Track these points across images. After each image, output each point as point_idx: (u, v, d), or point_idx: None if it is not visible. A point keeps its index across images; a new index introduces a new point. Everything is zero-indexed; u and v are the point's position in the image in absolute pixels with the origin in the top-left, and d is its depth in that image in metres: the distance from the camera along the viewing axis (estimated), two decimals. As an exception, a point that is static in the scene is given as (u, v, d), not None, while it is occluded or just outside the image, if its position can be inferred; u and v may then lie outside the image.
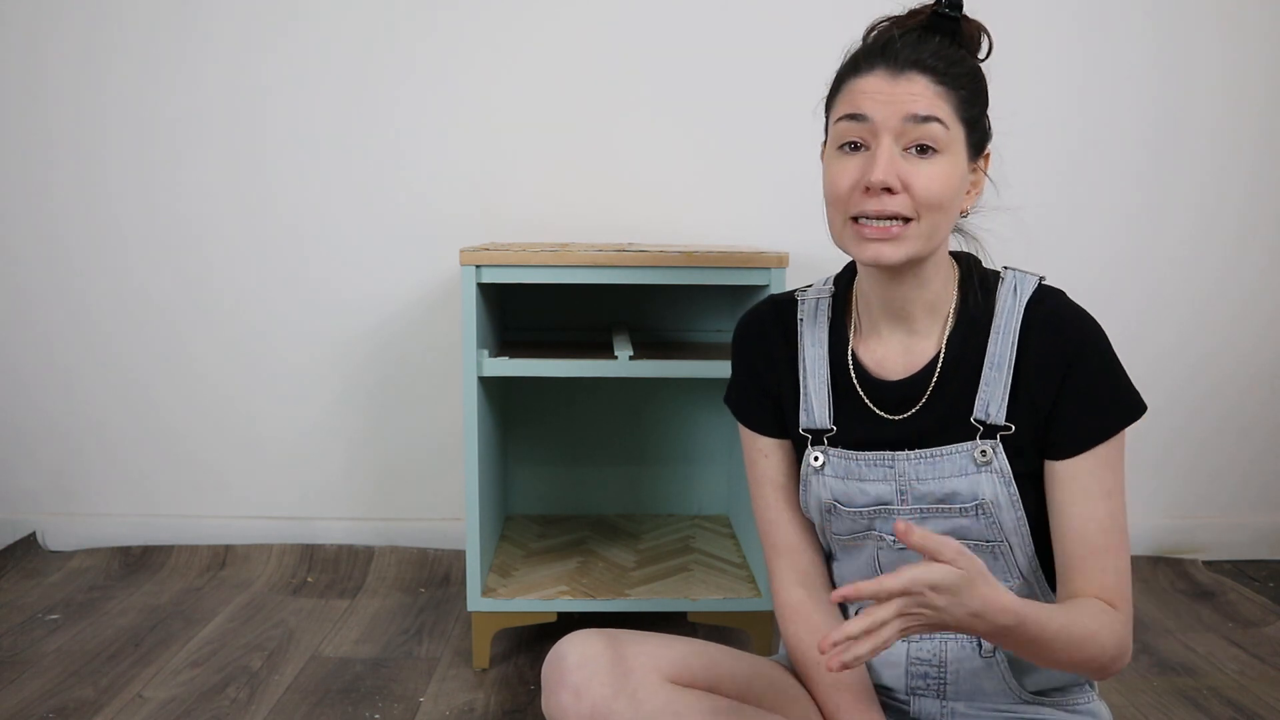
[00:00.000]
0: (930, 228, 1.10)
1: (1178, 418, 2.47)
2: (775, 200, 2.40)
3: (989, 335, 1.17)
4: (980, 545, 1.18)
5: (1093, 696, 1.24)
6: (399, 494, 2.50)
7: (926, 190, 1.08)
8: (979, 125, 1.14)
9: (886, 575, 0.94)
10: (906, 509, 1.19)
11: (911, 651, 1.24)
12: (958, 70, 1.11)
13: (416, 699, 1.79)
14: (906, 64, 1.09)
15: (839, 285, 1.28)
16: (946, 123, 1.09)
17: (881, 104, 1.08)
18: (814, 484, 1.24)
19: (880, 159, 1.08)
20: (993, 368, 1.16)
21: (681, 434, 2.43)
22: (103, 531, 2.50)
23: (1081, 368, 1.13)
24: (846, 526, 1.23)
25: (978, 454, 1.15)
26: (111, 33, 2.38)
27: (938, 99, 1.08)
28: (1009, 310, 1.16)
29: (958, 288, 1.20)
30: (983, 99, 1.15)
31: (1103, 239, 2.43)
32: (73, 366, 2.48)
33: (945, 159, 1.09)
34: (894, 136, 1.09)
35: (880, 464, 1.19)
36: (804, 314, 1.28)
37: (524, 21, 2.38)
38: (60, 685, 1.82)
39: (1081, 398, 1.13)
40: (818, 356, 1.25)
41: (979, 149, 1.15)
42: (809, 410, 1.24)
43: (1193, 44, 2.39)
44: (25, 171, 2.43)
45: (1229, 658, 1.96)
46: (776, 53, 2.38)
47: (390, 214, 2.42)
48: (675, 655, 1.17)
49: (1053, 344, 1.14)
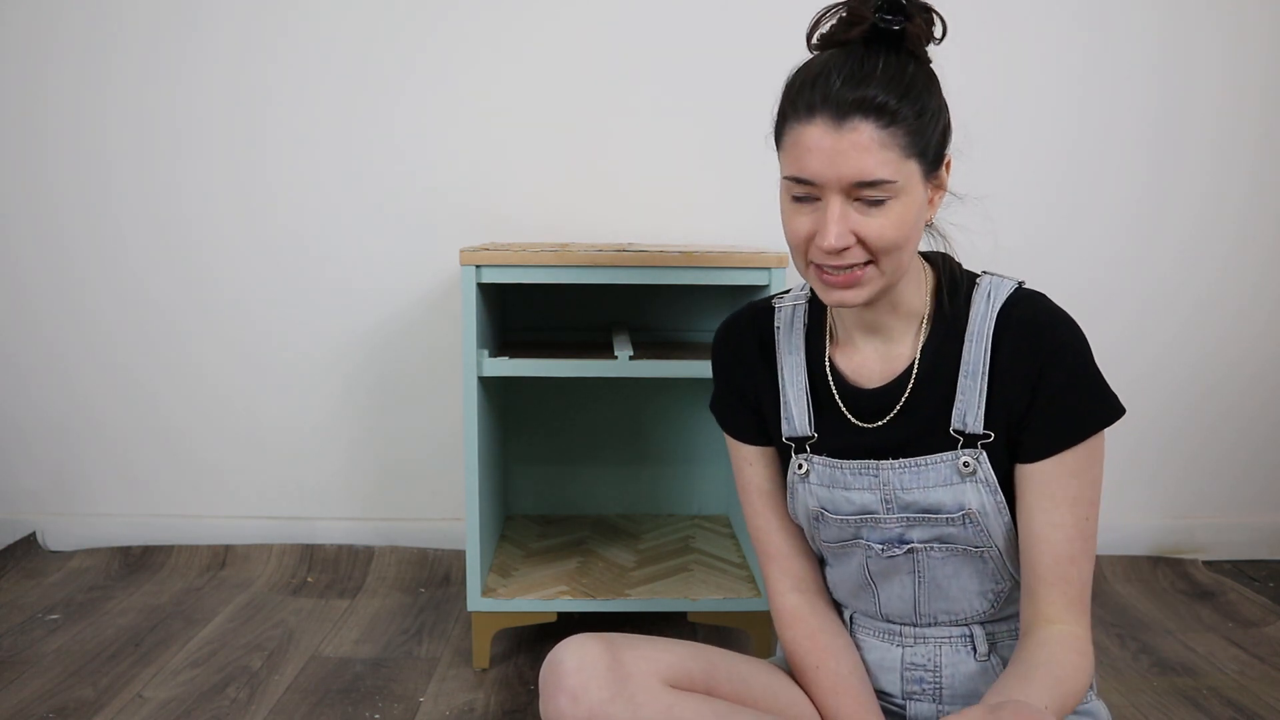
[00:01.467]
0: (891, 266, 1.09)
1: (1178, 418, 2.47)
2: (775, 200, 2.39)
3: (963, 342, 1.15)
4: (969, 550, 1.18)
5: (1091, 696, 1.24)
6: (399, 494, 2.50)
7: (880, 239, 1.07)
8: (933, 144, 1.09)
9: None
10: (892, 517, 1.18)
11: (907, 656, 1.24)
12: (906, 97, 1.05)
13: (416, 699, 1.79)
14: (849, 109, 1.03)
15: (815, 291, 1.27)
16: (895, 176, 1.05)
17: (826, 164, 1.05)
18: (800, 491, 1.24)
19: (830, 223, 1.06)
20: (967, 376, 1.15)
21: (681, 434, 2.43)
22: (103, 531, 2.50)
23: (1053, 370, 1.11)
24: (834, 534, 1.23)
25: (961, 464, 1.15)
26: (112, 32, 2.38)
27: (885, 148, 1.04)
28: (982, 316, 1.15)
29: (931, 295, 1.18)
30: (935, 114, 1.09)
31: (1102, 239, 2.43)
32: (73, 366, 2.48)
33: (898, 203, 1.06)
34: (842, 194, 1.06)
35: (865, 472, 1.19)
36: (780, 322, 1.27)
37: (524, 22, 2.37)
38: (60, 685, 1.82)
39: (1052, 400, 1.11)
40: (795, 365, 1.24)
41: (938, 161, 1.11)
42: (789, 419, 1.24)
43: (1193, 44, 2.39)
44: (26, 171, 2.43)
45: (1229, 658, 1.96)
46: (776, 53, 2.36)
47: (390, 214, 2.42)
48: (672, 659, 1.17)
49: (1025, 348, 1.12)
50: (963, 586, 1.20)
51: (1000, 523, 1.16)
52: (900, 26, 1.06)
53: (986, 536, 1.17)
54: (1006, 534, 1.16)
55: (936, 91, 1.10)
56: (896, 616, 1.24)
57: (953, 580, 1.20)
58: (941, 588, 1.20)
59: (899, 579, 1.21)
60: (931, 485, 1.16)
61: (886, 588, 1.23)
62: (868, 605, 1.25)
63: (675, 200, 2.41)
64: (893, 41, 1.07)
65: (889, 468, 1.17)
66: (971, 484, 1.15)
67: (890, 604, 1.23)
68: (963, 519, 1.16)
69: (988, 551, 1.18)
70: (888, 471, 1.17)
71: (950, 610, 1.22)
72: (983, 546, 1.17)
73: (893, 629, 1.25)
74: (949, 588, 1.20)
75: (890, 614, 1.24)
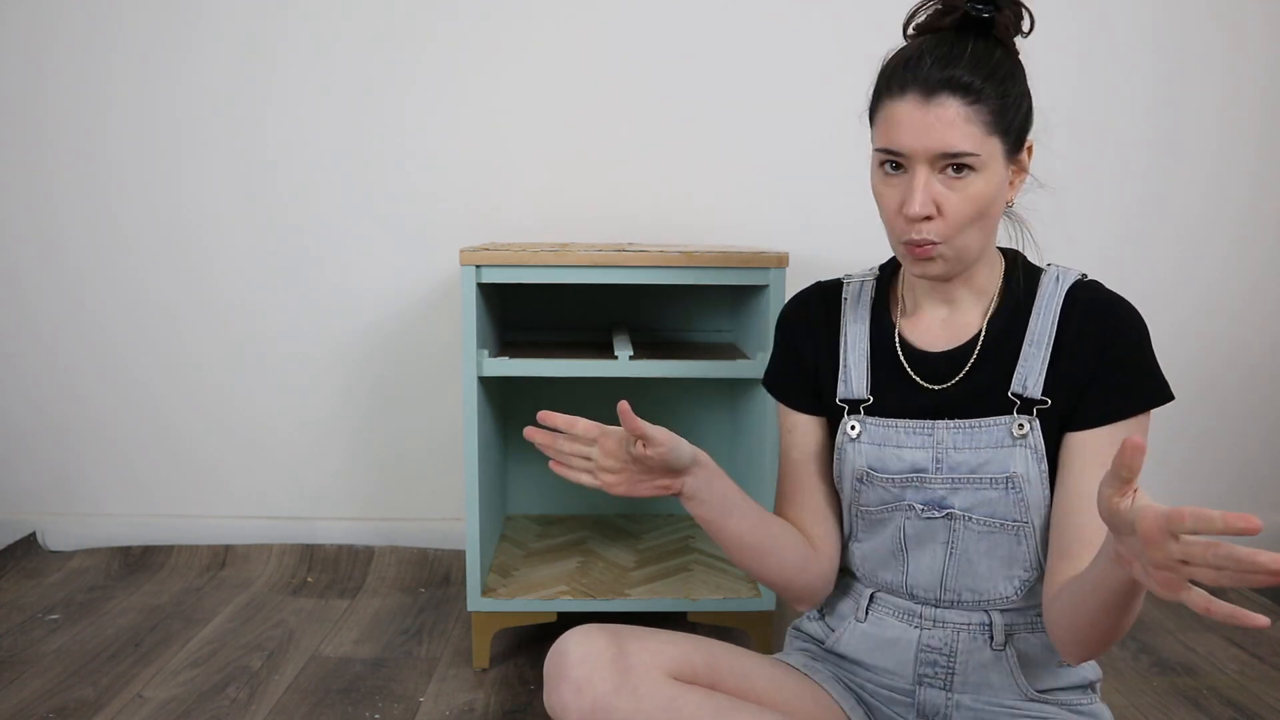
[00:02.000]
0: (970, 240, 1.15)
1: (1178, 418, 2.47)
2: (775, 200, 2.41)
3: (1030, 316, 1.21)
4: (1005, 525, 1.19)
5: (1095, 698, 1.25)
6: (399, 494, 2.50)
7: (960, 211, 1.13)
8: (1015, 125, 1.16)
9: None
10: (939, 478, 1.21)
11: (923, 639, 1.25)
12: (991, 79, 1.13)
13: (416, 699, 1.79)
14: (937, 86, 1.11)
15: (884, 271, 1.33)
16: (978, 149, 1.12)
17: (914, 137, 1.12)
18: (849, 452, 1.26)
19: (916, 190, 1.12)
20: (1032, 344, 1.19)
21: (682, 434, 2.41)
22: (103, 531, 2.50)
23: (1116, 345, 1.16)
24: (877, 497, 1.25)
25: (1015, 428, 1.18)
26: (112, 31, 2.38)
27: (969, 122, 1.11)
28: (1050, 294, 1.21)
29: (1003, 276, 1.24)
30: (1018, 98, 1.16)
31: (1102, 238, 2.43)
32: (73, 366, 2.48)
33: (981, 176, 1.13)
34: (928, 164, 1.12)
35: (920, 431, 1.22)
36: (849, 294, 1.33)
37: (525, 22, 2.38)
38: (60, 685, 1.82)
39: (1110, 373, 1.15)
40: (859, 332, 1.29)
41: (1019, 144, 1.18)
42: (847, 381, 1.28)
43: (1193, 44, 2.39)
44: (26, 171, 2.43)
45: (1229, 658, 1.96)
46: (777, 53, 2.38)
47: (390, 214, 2.42)
48: (677, 651, 1.17)
49: (1092, 323, 1.17)
50: (992, 566, 1.21)
51: (1041, 495, 1.18)
52: (990, 15, 1.15)
53: (1025, 509, 1.18)
54: (1041, 508, 1.18)
55: (1021, 78, 1.18)
56: (922, 590, 1.24)
57: (984, 558, 1.21)
58: (972, 563, 1.21)
59: (931, 548, 1.23)
60: (983, 446, 1.19)
61: (917, 557, 1.24)
62: (895, 576, 1.26)
63: (675, 200, 2.41)
64: (982, 29, 1.16)
65: (944, 427, 1.21)
66: (1021, 449, 1.18)
67: (918, 575, 1.24)
68: (1006, 482, 1.18)
69: (1024, 529, 1.19)
70: (942, 430, 1.21)
71: (975, 589, 1.22)
72: (1020, 521, 1.19)
73: (913, 608, 1.26)
74: (978, 564, 1.21)
75: (916, 587, 1.25)
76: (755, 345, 1.95)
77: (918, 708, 1.26)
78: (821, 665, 1.32)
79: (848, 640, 1.30)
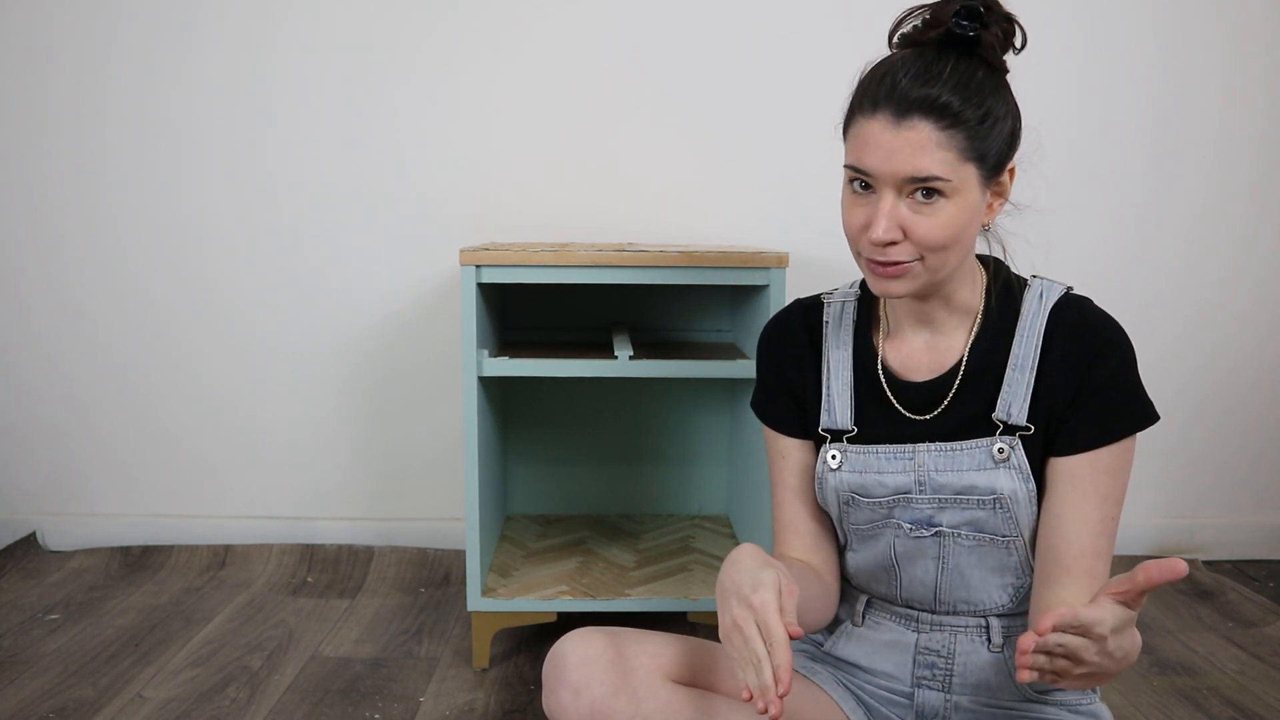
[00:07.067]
0: (938, 263, 1.11)
1: (1179, 418, 2.47)
2: (775, 200, 2.40)
3: (1013, 338, 1.18)
4: (995, 540, 1.19)
5: (1094, 698, 1.25)
6: (399, 494, 2.50)
7: (928, 238, 1.09)
8: (994, 149, 1.10)
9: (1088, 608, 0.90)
10: (924, 498, 1.19)
11: (921, 641, 1.24)
12: (970, 101, 1.07)
13: (416, 699, 1.79)
14: (910, 107, 1.06)
15: (865, 288, 1.29)
16: (950, 175, 1.07)
17: (882, 160, 1.07)
18: (830, 481, 1.25)
19: (880, 216, 1.08)
20: (1016, 369, 1.17)
21: (681, 434, 2.43)
22: (102, 531, 2.50)
23: (1099, 369, 1.13)
24: (865, 517, 1.24)
25: (995, 450, 1.16)
26: (110, 31, 2.38)
27: (941, 148, 1.06)
28: (1034, 314, 1.18)
29: (984, 294, 1.21)
30: (999, 120, 1.10)
31: (1103, 240, 2.43)
32: (72, 366, 2.48)
33: (950, 204, 1.08)
34: (895, 188, 1.08)
35: (900, 455, 1.20)
36: (829, 317, 1.29)
37: (524, 21, 2.37)
38: (60, 685, 1.82)
39: (1094, 397, 1.13)
40: (842, 359, 1.26)
41: (997, 169, 1.12)
42: (830, 410, 1.26)
43: (1192, 44, 2.39)
44: (23, 171, 2.43)
45: (1229, 658, 1.96)
46: (776, 53, 2.38)
47: (390, 214, 2.42)
48: (676, 654, 1.17)
49: (1075, 346, 1.15)
50: (984, 577, 1.21)
51: (1029, 513, 1.17)
52: (975, 33, 1.09)
53: (1014, 525, 1.18)
54: (1034, 525, 1.18)
55: (1006, 98, 1.12)
56: (917, 602, 1.24)
57: (975, 570, 1.21)
58: (964, 576, 1.21)
59: (923, 563, 1.22)
60: (965, 469, 1.17)
61: (910, 571, 1.23)
62: (889, 588, 1.26)
63: (675, 200, 2.41)
64: (966, 46, 1.09)
65: (924, 451, 1.19)
66: (1005, 470, 1.16)
67: (912, 588, 1.24)
68: (993, 503, 1.17)
69: (1014, 542, 1.19)
70: (923, 454, 1.19)
71: (970, 600, 1.22)
72: (1009, 536, 1.18)
73: (910, 614, 1.26)
74: (971, 576, 1.21)
75: (910, 599, 1.25)
76: (755, 345, 1.95)
77: (917, 709, 1.26)
78: (821, 666, 1.32)
79: (845, 644, 1.30)
